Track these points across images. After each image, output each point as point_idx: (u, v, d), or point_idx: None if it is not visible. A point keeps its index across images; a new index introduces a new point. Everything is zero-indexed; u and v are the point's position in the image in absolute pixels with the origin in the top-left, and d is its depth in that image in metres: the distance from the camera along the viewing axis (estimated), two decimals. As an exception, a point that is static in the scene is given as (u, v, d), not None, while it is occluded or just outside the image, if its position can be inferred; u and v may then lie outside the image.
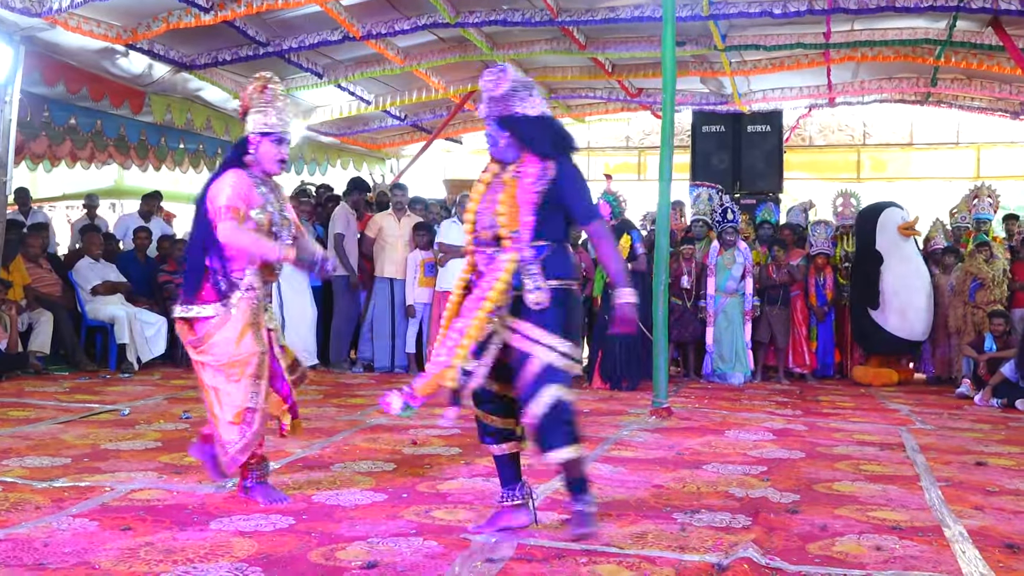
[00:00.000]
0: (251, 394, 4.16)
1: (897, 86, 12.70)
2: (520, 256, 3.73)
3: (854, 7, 9.08)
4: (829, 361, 10.69)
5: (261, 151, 4.29)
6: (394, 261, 9.85)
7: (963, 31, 9.98)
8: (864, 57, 10.95)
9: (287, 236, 4.33)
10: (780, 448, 6.05)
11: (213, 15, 8.80)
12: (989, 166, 15.33)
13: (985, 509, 4.50)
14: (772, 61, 11.46)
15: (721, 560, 3.50)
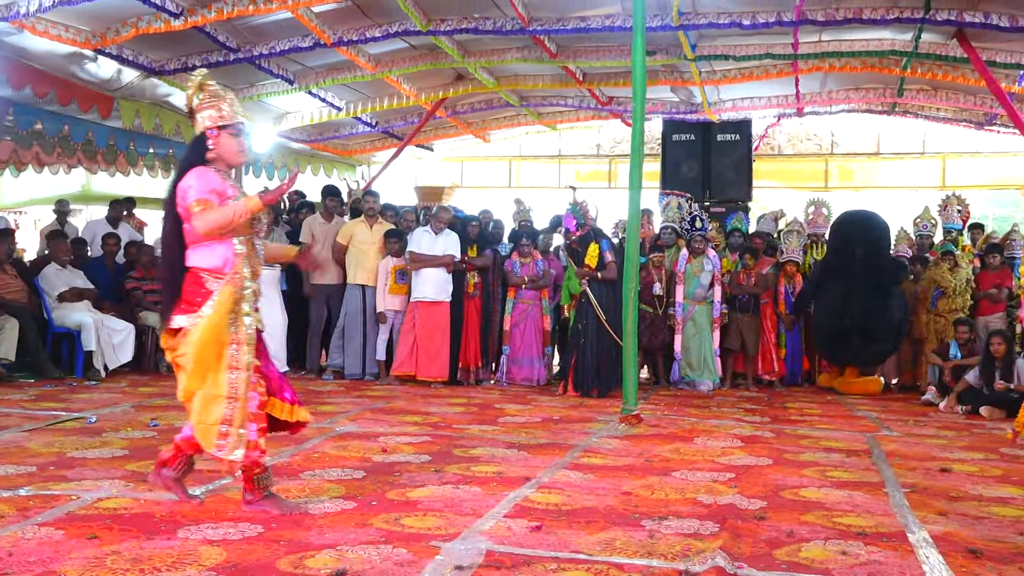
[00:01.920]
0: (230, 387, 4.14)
1: (864, 96, 12.86)
2: None
3: (822, 19, 9.19)
4: (797, 368, 10.77)
5: (221, 144, 4.26)
6: (366, 268, 9.83)
7: (928, 43, 10.11)
8: (832, 68, 11.09)
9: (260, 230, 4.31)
10: (748, 455, 6.09)
11: (183, 20, 8.76)
12: (954, 176, 15.53)
13: (949, 515, 4.56)
14: (741, 71, 11.57)
15: (689, 566, 3.53)
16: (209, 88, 4.30)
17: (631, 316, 7.45)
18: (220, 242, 4.16)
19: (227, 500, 4.42)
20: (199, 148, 4.28)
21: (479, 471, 5.28)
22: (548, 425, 7.19)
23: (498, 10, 9.57)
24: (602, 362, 9.13)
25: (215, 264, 4.16)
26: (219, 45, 9.73)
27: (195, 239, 4.16)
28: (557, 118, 14.77)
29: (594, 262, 9.19)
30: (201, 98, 4.29)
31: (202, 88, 4.29)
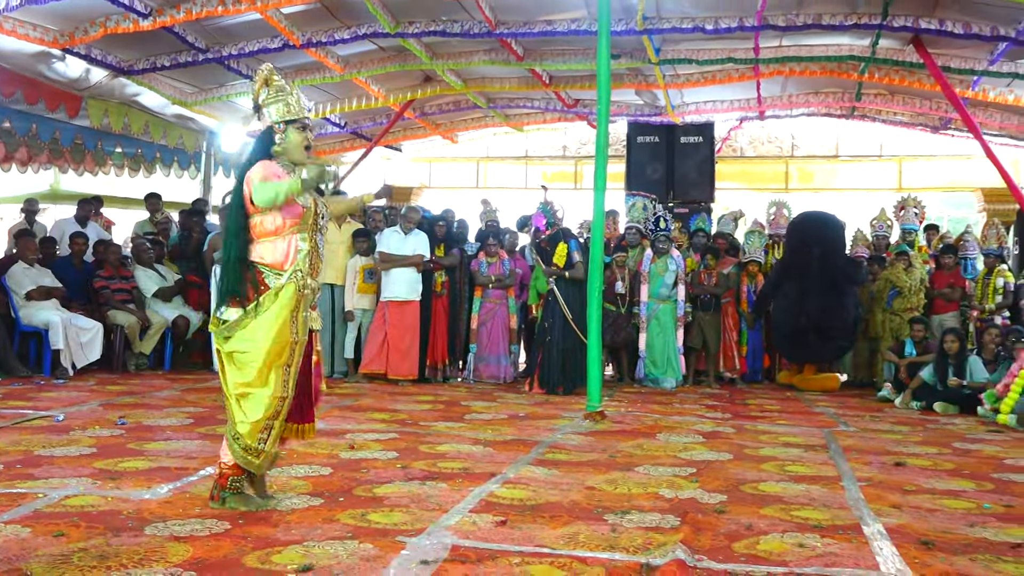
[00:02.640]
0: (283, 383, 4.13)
1: (823, 100, 12.98)
2: None
3: (782, 24, 9.27)
4: (758, 366, 10.86)
5: (288, 138, 4.23)
6: (334, 267, 9.77)
7: (886, 48, 10.23)
8: (792, 72, 11.18)
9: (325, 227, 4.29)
10: (709, 450, 6.13)
11: (152, 20, 8.70)
12: (911, 178, 15.71)
13: (903, 507, 4.62)
14: (704, 75, 11.64)
15: (650, 559, 3.55)
16: (275, 83, 4.27)
17: (596, 315, 7.48)
18: (283, 238, 4.15)
19: (194, 497, 4.39)
20: (266, 142, 4.27)
21: (445, 467, 5.29)
22: (514, 422, 7.20)
23: (465, 13, 9.57)
24: (568, 360, 9.15)
25: (276, 259, 4.14)
26: (188, 45, 9.66)
27: (261, 232, 4.14)
28: (524, 120, 14.79)
29: (562, 261, 9.21)
30: (267, 93, 4.26)
31: (268, 83, 4.27)
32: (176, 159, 12.17)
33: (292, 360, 4.15)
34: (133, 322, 9.49)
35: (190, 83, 11.11)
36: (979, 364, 8.80)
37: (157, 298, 9.93)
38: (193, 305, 10.25)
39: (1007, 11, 8.49)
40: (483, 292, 10.08)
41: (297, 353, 4.15)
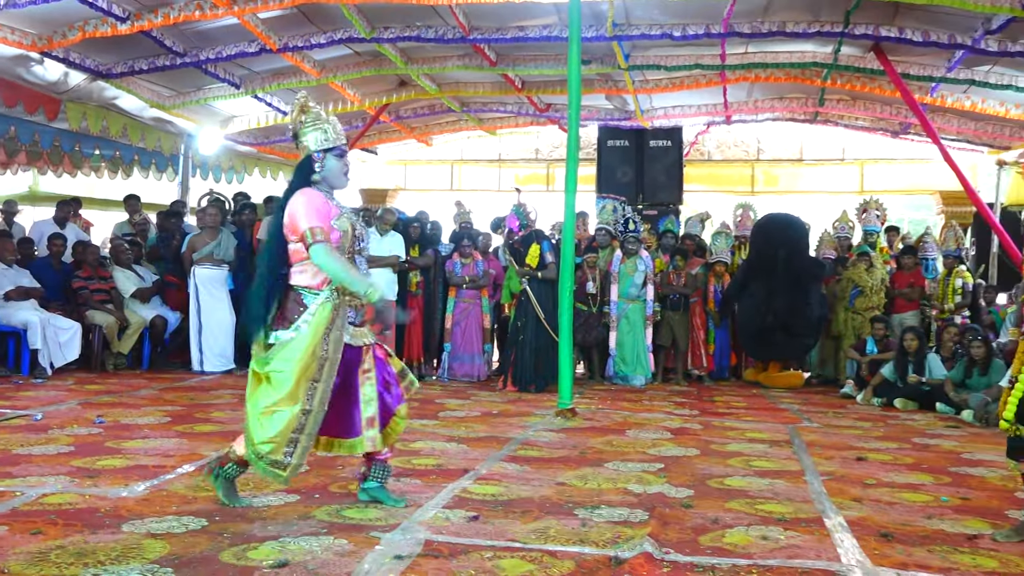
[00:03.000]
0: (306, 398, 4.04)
1: (788, 106, 13.07)
2: None
3: (748, 32, 9.33)
4: (725, 364, 10.91)
5: (327, 166, 4.19)
6: None
7: (847, 56, 10.32)
8: (757, 78, 11.25)
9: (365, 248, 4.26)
10: (677, 446, 6.16)
11: (130, 25, 8.63)
12: (872, 181, 15.84)
13: (863, 501, 4.66)
14: (672, 80, 11.69)
15: (618, 552, 3.56)
16: (311, 111, 4.24)
17: (567, 314, 7.49)
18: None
19: (172, 495, 4.36)
20: (306, 170, 4.21)
21: (420, 464, 5.28)
22: (487, 419, 7.20)
23: (440, 19, 9.56)
24: (540, 358, 9.16)
25: (313, 282, 4.10)
26: (166, 49, 9.58)
27: (298, 258, 4.11)
28: (497, 124, 14.79)
29: (535, 262, 9.22)
30: (304, 120, 4.22)
31: (304, 110, 4.23)
32: (154, 161, 12.07)
33: (321, 376, 4.03)
34: (111, 322, 9.41)
35: (168, 87, 11.02)
36: (937, 362, 8.90)
37: (135, 298, 9.84)
38: (171, 305, 10.17)
39: (964, 20, 8.58)
40: (457, 292, 10.06)
41: (327, 370, 4.04)
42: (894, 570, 3.48)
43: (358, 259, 4.21)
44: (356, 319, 4.20)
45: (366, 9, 9.29)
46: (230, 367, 9.69)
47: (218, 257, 9.72)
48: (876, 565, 3.53)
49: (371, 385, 4.20)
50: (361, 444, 4.19)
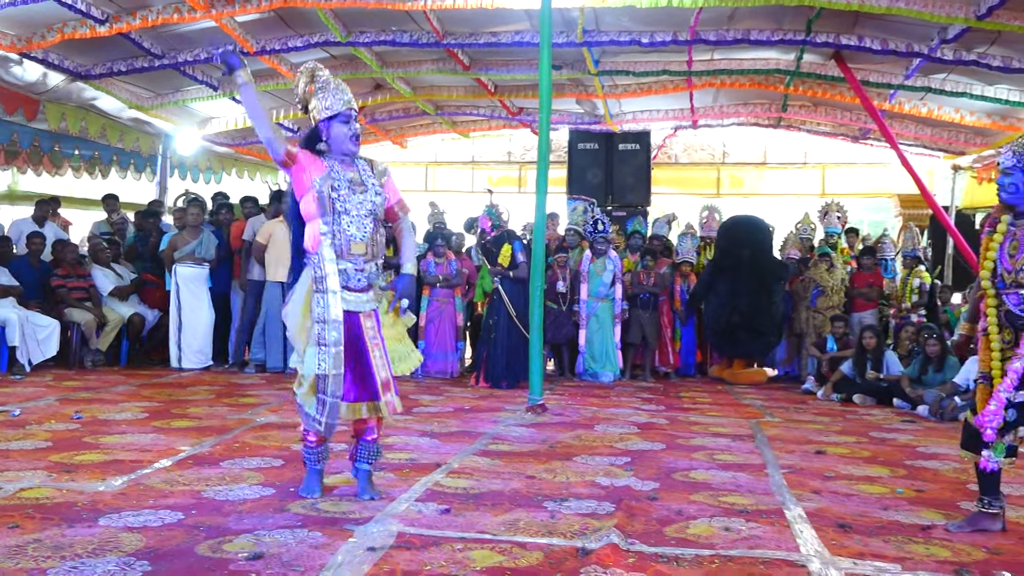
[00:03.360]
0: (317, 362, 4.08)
1: (752, 111, 13.15)
2: None
3: (713, 39, 9.37)
4: (691, 361, 10.97)
5: (333, 134, 4.16)
6: (285, 266, 9.60)
7: (809, 63, 10.39)
8: (723, 84, 11.31)
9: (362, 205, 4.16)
10: (644, 440, 6.19)
11: (108, 27, 8.54)
12: (833, 184, 16.00)
13: (822, 493, 4.71)
14: (640, 86, 11.73)
15: (586, 544, 3.58)
16: (319, 78, 4.20)
17: (538, 312, 7.51)
18: (311, 224, 4.14)
19: (149, 489, 4.32)
20: (312, 138, 4.23)
21: (393, 458, 5.27)
22: (460, 414, 7.20)
23: (414, 24, 9.53)
24: (512, 355, 9.17)
25: (308, 244, 4.17)
26: (144, 51, 9.49)
27: (307, 217, 4.16)
28: (470, 127, 14.77)
29: (506, 261, 9.23)
30: (312, 88, 4.19)
31: (312, 79, 4.20)
32: (132, 162, 11.96)
33: (327, 340, 4.05)
34: (89, 319, 9.32)
35: (146, 88, 10.92)
36: (895, 359, 9.00)
37: (114, 296, 9.75)
38: (149, 303, 10.08)
39: (921, 29, 8.68)
40: (431, 291, 10.05)
41: (329, 331, 4.05)
42: (851, 559, 3.52)
43: (347, 219, 4.12)
44: (354, 283, 4.17)
45: (342, 13, 9.25)
46: (208, 364, 9.64)
47: (199, 256, 9.66)
48: (834, 555, 3.57)
49: (379, 351, 4.22)
50: (383, 407, 4.21)
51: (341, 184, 4.13)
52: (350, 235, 4.13)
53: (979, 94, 10.07)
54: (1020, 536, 3.98)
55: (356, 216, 4.14)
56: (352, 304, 4.16)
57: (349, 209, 4.12)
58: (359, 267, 4.16)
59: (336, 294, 4.09)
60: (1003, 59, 8.85)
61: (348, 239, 4.12)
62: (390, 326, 4.31)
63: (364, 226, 4.16)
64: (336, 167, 4.17)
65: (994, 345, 3.96)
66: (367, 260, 4.18)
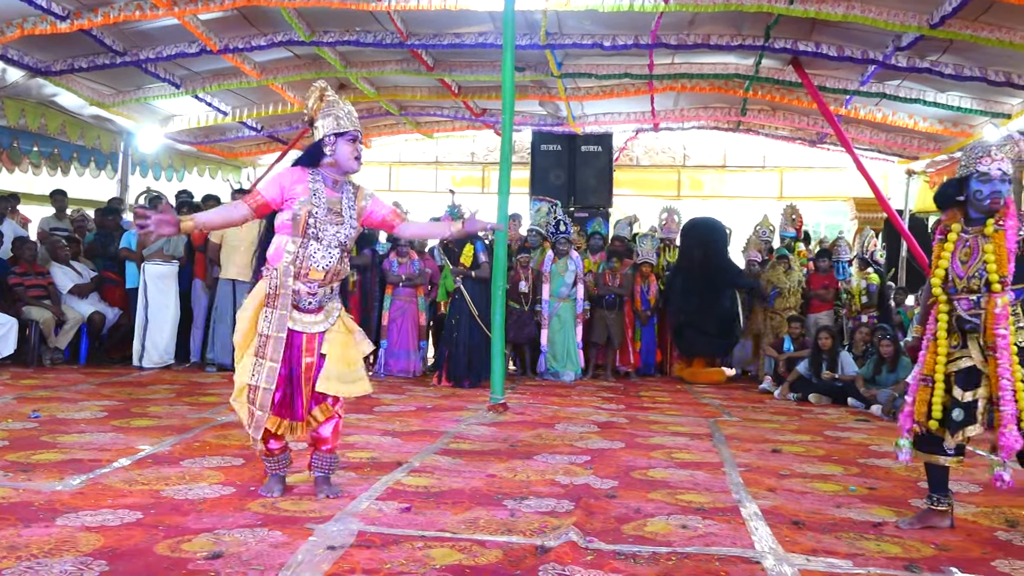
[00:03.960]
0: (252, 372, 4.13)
1: (712, 114, 13.26)
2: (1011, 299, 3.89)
3: (674, 43, 9.44)
4: (651, 361, 11.03)
5: (339, 151, 4.19)
6: (236, 264, 9.47)
7: (768, 68, 10.51)
8: (683, 88, 11.40)
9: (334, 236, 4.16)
10: (603, 439, 6.22)
11: (69, 23, 8.42)
12: (791, 187, 16.19)
13: (777, 490, 4.76)
14: (603, 88, 11.79)
15: (544, 542, 3.59)
16: (327, 98, 4.26)
17: (500, 312, 7.51)
18: (279, 236, 4.18)
19: (107, 488, 4.27)
20: (315, 153, 4.24)
21: (354, 457, 5.25)
22: (421, 413, 7.18)
23: (378, 24, 9.50)
24: (474, 355, 9.16)
25: (271, 254, 4.21)
26: (105, 48, 9.37)
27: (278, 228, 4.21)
28: (434, 127, 14.74)
29: (468, 261, 9.22)
30: (320, 107, 4.25)
31: (322, 98, 4.26)
32: (93, 159, 11.80)
33: (266, 354, 4.10)
34: (48, 317, 9.18)
35: (108, 85, 10.78)
36: (849, 359, 9.11)
37: (73, 294, 9.61)
38: (109, 301, 9.95)
39: (876, 37, 8.80)
40: (394, 290, 10.01)
41: (271, 348, 4.09)
42: (804, 556, 3.56)
43: (316, 246, 4.13)
44: (304, 304, 4.18)
45: (306, 13, 9.19)
46: (169, 362, 9.53)
47: (168, 253, 9.54)
48: (787, 551, 3.61)
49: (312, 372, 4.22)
50: (302, 427, 4.27)
51: (320, 210, 4.15)
52: (314, 261, 4.15)
53: (932, 100, 10.26)
54: (968, 532, 4.05)
55: (325, 244, 4.16)
56: (299, 324, 4.19)
57: (321, 237, 4.15)
58: (312, 291, 4.18)
59: (285, 313, 4.13)
60: (955, 67, 9.01)
61: (311, 264, 4.14)
62: (344, 347, 4.27)
63: (331, 255, 4.18)
64: (321, 191, 4.18)
65: (941, 350, 4.03)
66: (321, 285, 4.20)
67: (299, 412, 4.23)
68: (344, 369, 4.23)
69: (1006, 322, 3.85)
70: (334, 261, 4.19)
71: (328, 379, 4.18)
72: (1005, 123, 10.07)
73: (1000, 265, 3.87)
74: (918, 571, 3.44)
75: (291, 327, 4.16)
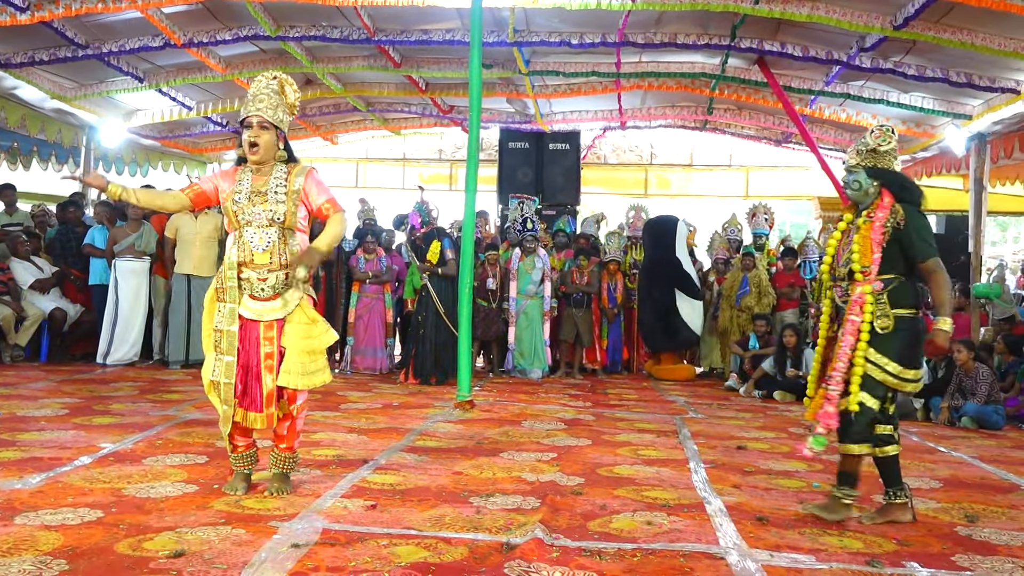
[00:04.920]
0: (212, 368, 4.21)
1: (679, 113, 13.34)
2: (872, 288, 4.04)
3: (641, 41, 9.48)
4: (618, 358, 11.07)
5: (241, 140, 4.26)
6: (191, 257, 9.38)
7: (734, 67, 10.58)
8: (650, 86, 11.44)
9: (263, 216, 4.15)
10: (570, 436, 6.23)
11: (30, 15, 8.27)
12: (756, 186, 16.33)
13: (742, 487, 4.79)
14: (570, 86, 11.81)
15: (510, 539, 3.59)
16: (250, 91, 4.29)
17: (466, 309, 7.50)
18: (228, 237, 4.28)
19: (67, 487, 4.21)
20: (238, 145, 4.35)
21: (320, 455, 5.22)
22: (388, 411, 7.16)
23: (345, 20, 9.45)
24: (441, 352, 9.15)
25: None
26: (67, 41, 9.22)
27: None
28: (402, 124, 14.69)
29: (436, 258, 9.20)
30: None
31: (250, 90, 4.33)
32: (54, 153, 11.62)
33: (221, 348, 4.16)
34: (8, 314, 9.03)
35: (70, 78, 10.62)
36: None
37: (34, 290, 9.47)
38: (71, 297, 9.81)
39: (840, 37, 8.89)
40: (361, 287, 9.97)
41: (225, 343, 4.15)
42: (768, 551, 3.59)
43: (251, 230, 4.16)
44: (257, 291, 4.18)
45: (271, 7, 9.12)
46: (134, 360, 9.42)
47: (139, 249, 9.43)
48: (751, 547, 3.64)
49: (273, 361, 4.20)
50: (263, 419, 4.23)
51: (242, 196, 4.19)
52: (253, 245, 4.16)
53: (895, 101, 10.38)
54: (928, 528, 4.10)
55: (259, 227, 4.16)
56: (253, 313, 4.19)
57: (251, 220, 4.16)
58: (262, 276, 4.17)
59: (234, 306, 4.17)
60: (917, 68, 9.13)
61: (252, 248, 4.16)
62: (305, 338, 4.23)
63: (268, 235, 4.16)
64: (246, 179, 4.24)
65: (822, 332, 4.34)
66: (271, 270, 4.17)
67: (258, 403, 4.20)
68: (305, 360, 4.21)
69: (858, 308, 4.02)
70: (273, 240, 4.16)
71: (289, 372, 4.16)
72: (967, 124, 10.22)
73: (862, 255, 4.03)
74: (879, 566, 3.48)
75: (245, 315, 4.18)
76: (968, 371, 7.80)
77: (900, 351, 4.01)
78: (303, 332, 4.22)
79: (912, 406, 8.03)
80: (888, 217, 4.02)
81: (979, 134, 10.30)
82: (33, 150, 11.30)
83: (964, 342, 7.98)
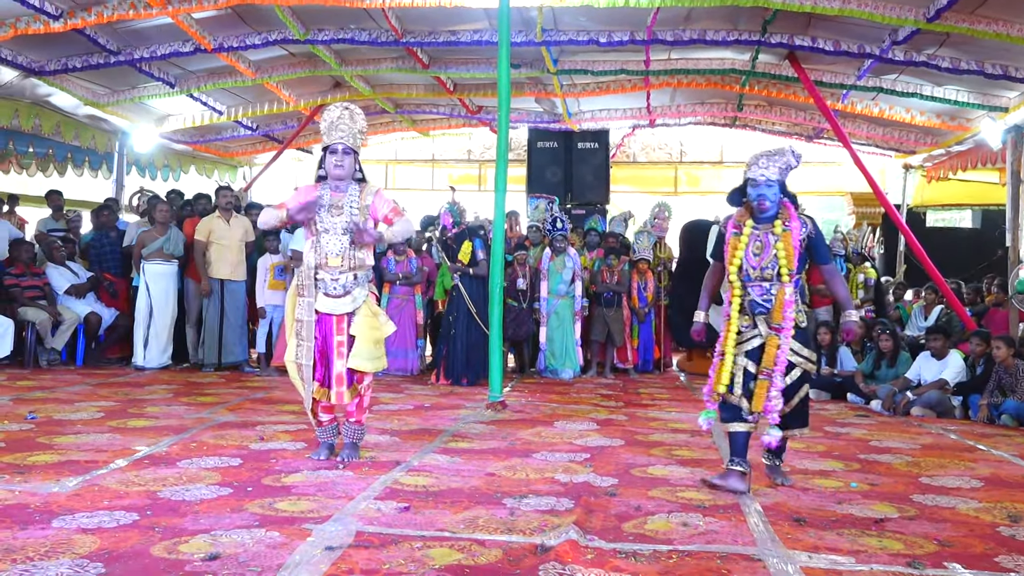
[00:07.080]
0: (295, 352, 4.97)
1: (709, 110, 13.24)
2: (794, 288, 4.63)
3: (670, 39, 9.41)
4: (649, 357, 11.00)
5: (325, 162, 4.97)
6: (225, 261, 9.47)
7: (764, 63, 10.48)
8: (680, 84, 11.38)
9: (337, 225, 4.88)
10: (603, 436, 6.19)
11: (63, 23, 8.37)
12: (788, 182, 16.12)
13: (778, 487, 4.73)
14: (599, 85, 11.76)
15: (545, 541, 3.56)
16: (324, 116, 4.96)
17: (497, 309, 7.49)
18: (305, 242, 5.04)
19: (104, 490, 4.24)
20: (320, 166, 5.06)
21: (352, 456, 5.21)
22: (420, 412, 7.15)
23: (373, 22, 9.47)
24: (472, 353, 9.14)
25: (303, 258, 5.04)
26: (99, 47, 9.32)
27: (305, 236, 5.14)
28: (430, 125, 14.72)
29: (467, 259, 9.20)
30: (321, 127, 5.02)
31: (323, 118, 4.99)
32: (87, 159, 11.75)
33: (302, 335, 4.91)
34: (44, 318, 9.14)
35: (102, 84, 10.73)
36: (848, 354, 9.09)
37: (69, 294, 9.57)
38: (105, 301, 9.90)
39: (872, 31, 8.77)
40: (391, 289, 9.98)
41: (305, 331, 4.90)
42: (806, 553, 3.54)
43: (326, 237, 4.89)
44: (330, 290, 4.90)
45: (300, 11, 9.15)
46: (167, 363, 9.49)
47: (167, 252, 9.50)
48: (789, 549, 3.59)
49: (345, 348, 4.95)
50: (335, 396, 5.00)
51: (323, 210, 4.92)
52: (328, 250, 4.91)
53: (929, 95, 10.22)
54: (970, 528, 4.02)
55: (334, 235, 4.90)
56: (327, 307, 4.94)
57: (328, 229, 4.90)
58: (335, 277, 4.91)
59: (312, 300, 4.91)
60: (952, 60, 8.99)
61: (327, 252, 4.91)
62: (372, 328, 4.97)
63: (341, 243, 4.90)
64: (326, 195, 4.95)
65: (733, 328, 4.68)
66: (342, 271, 4.91)
67: (329, 381, 4.98)
68: (371, 347, 4.97)
69: (792, 308, 4.56)
70: (345, 247, 4.89)
71: (358, 356, 4.93)
72: (1003, 116, 10.05)
73: (789, 260, 4.59)
74: (921, 568, 3.41)
75: (320, 309, 4.93)
76: (1008, 368, 7.66)
77: (808, 340, 4.78)
78: (370, 323, 4.98)
79: (950, 404, 7.92)
80: (801, 227, 4.66)
81: (1016, 126, 10.12)
82: (68, 156, 11.43)
83: (1004, 338, 7.86)
